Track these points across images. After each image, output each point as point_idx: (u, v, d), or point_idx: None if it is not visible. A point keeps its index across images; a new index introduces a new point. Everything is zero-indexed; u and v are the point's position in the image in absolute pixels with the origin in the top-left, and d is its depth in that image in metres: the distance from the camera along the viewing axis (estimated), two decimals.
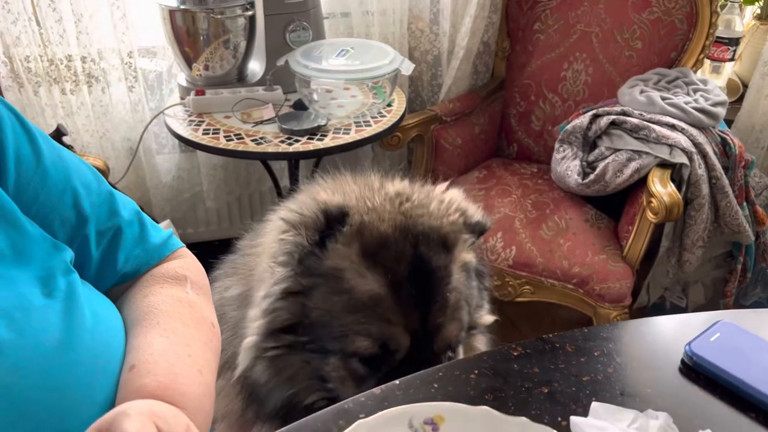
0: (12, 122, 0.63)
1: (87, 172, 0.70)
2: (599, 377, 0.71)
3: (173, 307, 0.69)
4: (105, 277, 0.70)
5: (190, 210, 2.22)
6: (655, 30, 1.91)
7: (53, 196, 0.64)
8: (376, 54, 1.78)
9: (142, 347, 0.64)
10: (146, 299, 0.70)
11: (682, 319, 0.82)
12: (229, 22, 1.75)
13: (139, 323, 0.67)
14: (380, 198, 0.88)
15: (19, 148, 0.63)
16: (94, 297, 0.65)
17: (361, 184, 0.93)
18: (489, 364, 0.72)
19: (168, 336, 0.65)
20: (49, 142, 0.67)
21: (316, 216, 0.82)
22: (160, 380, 0.60)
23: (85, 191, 0.68)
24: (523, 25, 2.09)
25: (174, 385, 0.61)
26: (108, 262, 0.70)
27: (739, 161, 1.73)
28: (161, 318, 0.67)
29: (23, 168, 0.62)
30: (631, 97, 1.78)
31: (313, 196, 0.89)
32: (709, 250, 1.85)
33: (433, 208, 0.89)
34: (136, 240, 0.72)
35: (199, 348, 0.67)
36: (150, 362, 0.62)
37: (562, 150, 1.83)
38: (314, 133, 1.69)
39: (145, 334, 0.65)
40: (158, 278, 0.73)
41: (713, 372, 0.70)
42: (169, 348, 0.64)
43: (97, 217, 0.68)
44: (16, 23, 1.71)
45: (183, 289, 0.73)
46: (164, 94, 2.01)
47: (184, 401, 0.60)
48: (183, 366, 0.64)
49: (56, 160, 0.66)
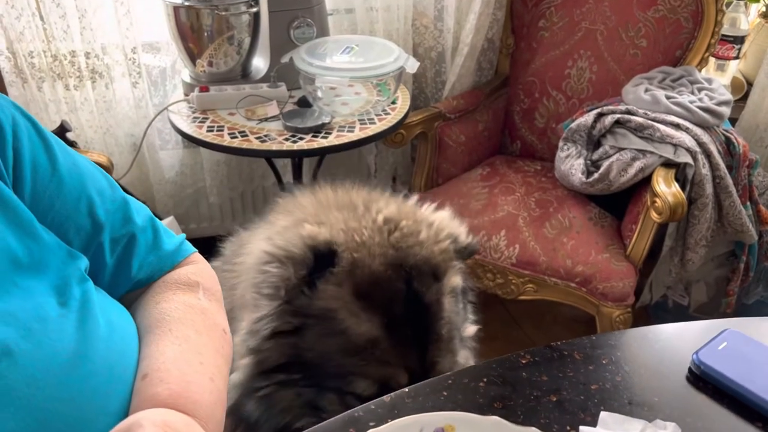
0: (28, 130, 0.63)
1: (101, 178, 0.70)
2: (607, 386, 0.71)
3: (185, 314, 0.70)
4: (119, 285, 0.71)
5: (193, 206, 2.22)
6: (660, 28, 1.91)
7: (69, 204, 0.64)
8: (380, 51, 1.77)
9: (155, 356, 0.64)
10: (158, 306, 0.70)
11: (689, 326, 0.82)
12: (234, 19, 1.75)
13: (152, 331, 0.67)
14: (368, 230, 0.85)
15: (35, 156, 0.62)
16: (108, 305, 0.66)
17: (345, 208, 0.89)
18: (498, 372, 0.73)
19: (180, 344, 0.66)
20: (64, 148, 0.67)
21: (304, 254, 0.80)
22: (172, 389, 0.61)
23: (99, 198, 0.68)
24: (527, 22, 2.08)
25: (186, 393, 0.61)
26: (122, 269, 0.70)
27: (743, 160, 1.73)
28: (173, 325, 0.67)
29: (39, 176, 0.62)
30: (635, 95, 1.78)
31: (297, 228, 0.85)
32: (712, 249, 1.85)
33: (423, 237, 0.87)
34: (149, 247, 0.72)
35: (210, 355, 0.67)
36: (162, 371, 0.62)
37: (566, 148, 1.83)
38: (318, 130, 1.69)
39: (157, 342, 0.65)
40: (171, 285, 0.73)
41: (721, 381, 0.70)
42: (181, 356, 0.65)
43: (111, 225, 0.68)
44: (20, 18, 1.71)
45: (195, 296, 0.73)
46: (168, 90, 2.00)
47: (196, 409, 0.61)
48: (195, 374, 0.64)
49: (71, 168, 0.66)
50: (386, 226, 0.86)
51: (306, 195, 0.95)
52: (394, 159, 2.31)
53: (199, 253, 0.81)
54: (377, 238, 0.84)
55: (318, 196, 0.94)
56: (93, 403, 0.58)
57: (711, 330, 0.78)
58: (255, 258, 0.86)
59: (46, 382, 0.54)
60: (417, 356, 0.81)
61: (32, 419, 0.53)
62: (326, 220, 0.87)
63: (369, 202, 0.91)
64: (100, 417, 0.58)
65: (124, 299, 0.72)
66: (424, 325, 0.82)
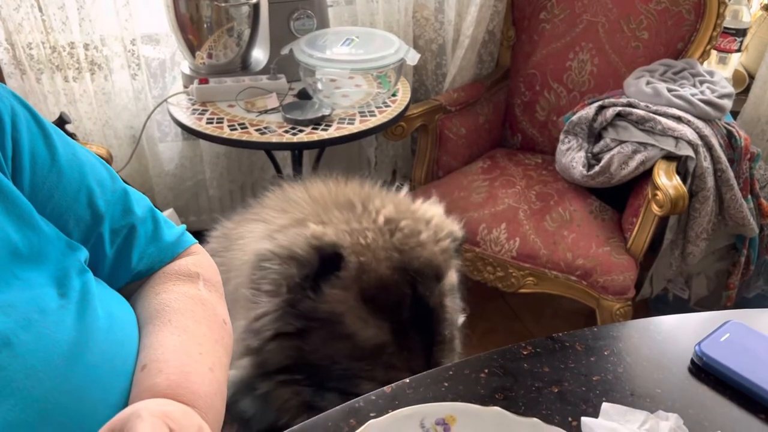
0: (27, 119, 0.62)
1: (101, 168, 0.70)
2: (609, 377, 0.71)
3: (185, 305, 0.69)
4: (118, 276, 0.70)
5: (193, 198, 2.22)
6: (662, 20, 1.90)
7: (68, 195, 0.64)
8: (381, 43, 1.76)
9: (154, 346, 0.64)
10: (158, 297, 0.69)
11: (691, 318, 0.82)
12: (234, 10, 1.74)
13: (151, 321, 0.67)
14: (372, 231, 0.84)
15: (34, 146, 0.62)
16: (108, 296, 0.65)
17: (344, 206, 0.88)
18: (499, 363, 0.73)
19: (179, 334, 0.65)
20: (63, 138, 0.66)
21: (309, 255, 0.79)
22: (171, 379, 0.60)
23: (99, 189, 0.67)
24: (528, 15, 2.07)
25: (185, 383, 0.61)
26: (122, 260, 0.69)
27: (744, 153, 1.72)
28: (173, 316, 0.67)
29: (38, 166, 0.62)
30: (637, 88, 1.77)
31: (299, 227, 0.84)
32: (713, 243, 1.85)
33: (424, 237, 0.87)
34: (149, 238, 0.71)
35: (210, 346, 0.67)
36: (161, 361, 0.62)
37: (567, 141, 1.82)
38: (318, 122, 1.68)
39: (156, 332, 0.65)
40: (171, 275, 0.72)
41: (723, 373, 0.70)
42: (181, 346, 0.64)
43: (111, 216, 0.68)
44: (19, 10, 1.70)
45: (195, 286, 0.72)
46: (167, 82, 1.99)
47: (195, 400, 0.60)
48: (194, 364, 0.64)
49: (71, 158, 0.65)
50: (387, 226, 0.86)
51: (297, 190, 0.94)
52: (395, 151, 2.30)
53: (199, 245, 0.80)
54: (381, 241, 0.83)
55: (311, 191, 0.93)
56: (94, 395, 0.57)
57: (713, 322, 0.77)
58: (252, 255, 0.85)
59: (46, 374, 0.54)
60: (423, 359, 0.81)
61: (32, 410, 0.53)
62: (327, 219, 0.86)
63: (366, 200, 0.90)
64: (101, 409, 0.57)
65: (124, 290, 0.71)
66: (429, 329, 0.82)
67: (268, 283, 0.81)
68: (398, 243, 0.85)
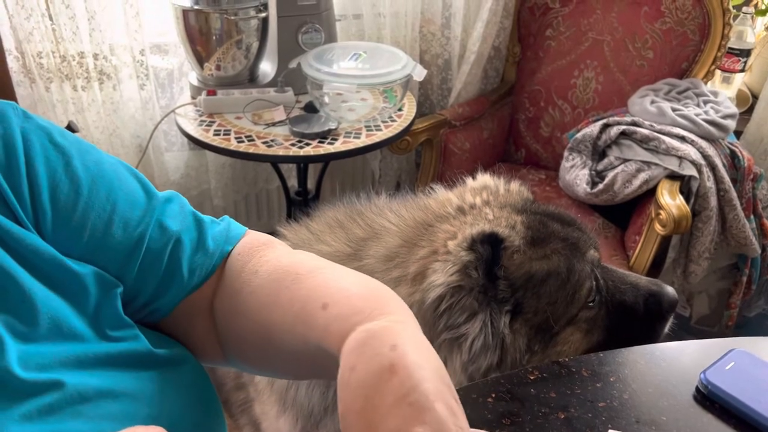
0: (43, 145, 0.55)
1: (131, 181, 0.61)
2: (615, 404, 0.72)
3: (294, 257, 0.63)
4: (171, 294, 0.63)
5: (198, 208, 2.14)
6: (667, 40, 1.91)
7: (97, 230, 0.57)
8: (388, 59, 1.78)
9: (316, 287, 0.56)
10: (257, 275, 0.61)
11: (696, 345, 0.82)
12: (242, 23, 1.75)
13: (277, 292, 0.58)
14: (490, 208, 0.88)
15: (53, 178, 0.55)
16: (155, 340, 0.61)
17: (445, 218, 0.87)
18: (506, 388, 0.73)
19: (322, 269, 0.58)
20: (85, 156, 0.58)
21: (471, 255, 0.79)
22: (362, 299, 0.53)
23: (129, 209, 0.59)
24: (534, 31, 2.09)
25: (374, 297, 0.53)
26: (173, 278, 0.62)
27: (747, 174, 1.73)
28: (292, 268, 0.59)
29: (61, 201, 0.55)
30: (641, 107, 1.78)
31: (433, 256, 0.81)
32: (715, 262, 1.86)
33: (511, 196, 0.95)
34: (194, 248, 0.63)
35: (354, 273, 0.60)
36: (327, 296, 0.54)
37: (571, 158, 1.83)
38: (325, 136, 1.69)
39: (301, 283, 0.57)
40: (248, 256, 0.64)
41: (728, 401, 0.71)
42: (331, 276, 0.57)
43: (150, 237, 0.60)
44: (30, 19, 1.71)
45: (282, 245, 0.66)
46: (175, 93, 2.01)
47: (391, 307, 0.52)
48: (359, 285, 0.56)
49: (96, 178, 0.58)
50: (488, 197, 0.92)
51: (380, 221, 0.89)
52: (399, 165, 2.31)
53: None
54: (497, 212, 0.87)
55: (401, 226, 0.87)
56: None
57: (718, 349, 0.78)
58: (417, 307, 0.79)
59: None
60: None
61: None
62: (454, 227, 0.85)
63: (450, 202, 0.90)
64: None
65: (182, 306, 0.64)
66: None
67: (460, 313, 0.79)
68: (506, 201, 0.91)
